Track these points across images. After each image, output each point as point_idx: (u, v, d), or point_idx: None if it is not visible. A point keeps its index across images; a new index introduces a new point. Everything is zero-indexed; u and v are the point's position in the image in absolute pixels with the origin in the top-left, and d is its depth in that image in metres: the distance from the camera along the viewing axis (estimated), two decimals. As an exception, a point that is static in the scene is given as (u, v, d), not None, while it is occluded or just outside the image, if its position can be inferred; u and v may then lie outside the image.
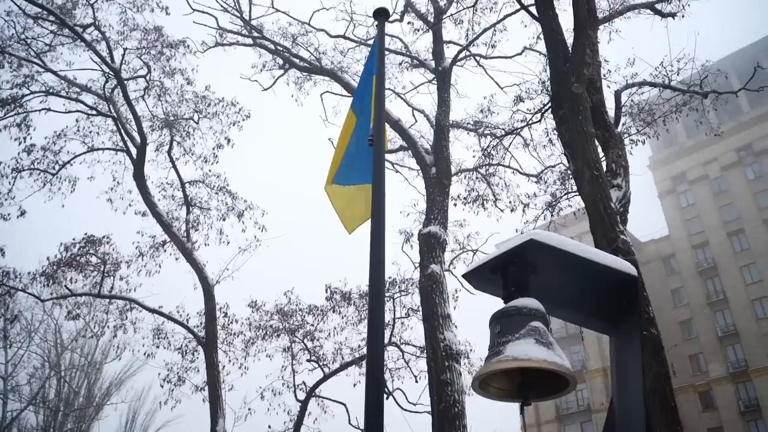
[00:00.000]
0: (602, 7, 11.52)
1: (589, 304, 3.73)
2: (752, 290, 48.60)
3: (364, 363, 15.27)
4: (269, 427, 14.69)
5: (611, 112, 10.23)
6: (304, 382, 15.04)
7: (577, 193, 10.37)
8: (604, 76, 11.30)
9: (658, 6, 11.57)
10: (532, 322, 3.08)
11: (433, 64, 15.28)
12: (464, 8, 14.53)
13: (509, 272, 3.30)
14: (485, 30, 14.73)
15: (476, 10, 14.24)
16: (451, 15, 14.73)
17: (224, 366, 14.66)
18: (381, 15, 5.82)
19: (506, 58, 15.76)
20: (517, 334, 3.03)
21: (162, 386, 14.78)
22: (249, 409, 14.48)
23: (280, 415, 14.65)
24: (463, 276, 3.55)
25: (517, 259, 3.28)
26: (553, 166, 13.56)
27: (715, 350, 48.81)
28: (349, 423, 15.01)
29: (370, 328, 4.04)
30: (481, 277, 3.54)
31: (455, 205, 13.82)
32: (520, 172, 14.34)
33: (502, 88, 16.09)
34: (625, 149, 9.73)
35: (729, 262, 50.73)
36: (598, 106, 9.75)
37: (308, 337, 15.66)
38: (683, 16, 11.39)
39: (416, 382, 15.37)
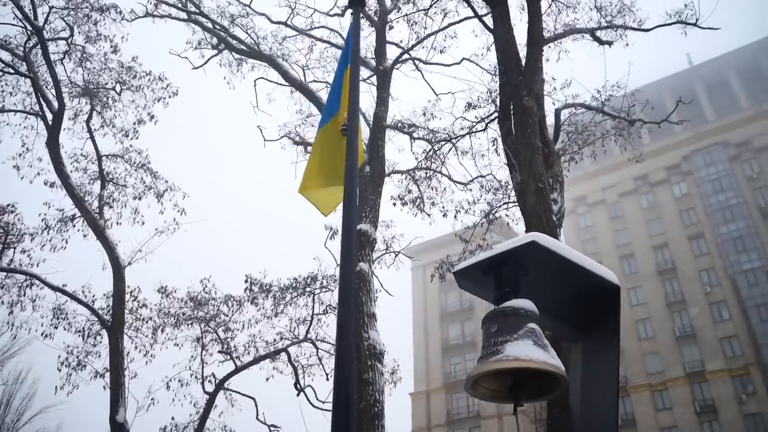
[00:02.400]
0: (548, 27, 11.92)
1: (566, 309, 3.77)
2: (636, 312, 52.06)
3: (278, 357, 15.00)
4: (172, 418, 14.08)
5: (550, 129, 10.58)
6: (213, 374, 14.56)
7: (514, 204, 10.63)
8: (548, 93, 11.70)
9: (598, 33, 12.12)
10: (529, 323, 3.07)
11: (374, 62, 15.25)
12: (412, 12, 14.57)
13: (503, 273, 3.28)
14: (427, 36, 14.87)
15: (427, 14, 14.33)
16: (405, 16, 14.73)
17: (129, 352, 13.90)
18: (356, 4, 5.77)
19: (445, 65, 15.99)
20: (515, 335, 3.01)
21: (59, 370, 13.82)
22: (153, 399, 13.80)
23: (185, 407, 14.08)
24: (454, 273, 3.50)
25: (513, 260, 3.27)
26: (484, 176, 13.85)
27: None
28: (257, 418, 14.66)
29: (339, 326, 3.91)
30: (471, 276, 3.51)
31: (394, 204, 13.84)
32: (450, 179, 14.56)
33: (437, 95, 16.32)
34: (562, 165, 10.09)
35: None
36: (539, 122, 10.06)
37: (222, 327, 15.15)
38: (627, 44, 12.01)
39: (327, 379, 15.24)
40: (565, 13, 12.29)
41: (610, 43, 12.29)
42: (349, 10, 5.84)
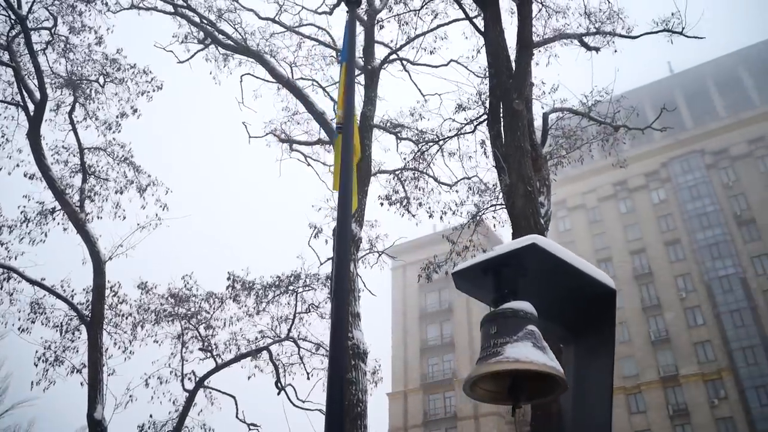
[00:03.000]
0: (538, 31, 12.02)
1: (561, 311, 3.79)
2: (614, 315, 52.60)
3: (260, 355, 14.90)
4: (150, 416, 13.92)
5: (538, 132, 10.65)
6: (193, 372, 14.41)
7: (501, 206, 10.68)
8: (537, 97, 11.78)
9: (586, 39, 12.23)
10: (529, 325, 3.09)
11: (362, 61, 15.23)
12: (403, 12, 14.57)
13: (503, 274, 3.29)
14: (417, 36, 14.87)
15: (417, 15, 14.33)
16: (396, 16, 14.73)
17: (108, 348, 13.71)
18: (352, 3, 5.81)
19: (432, 66, 16.01)
20: (515, 336, 3.02)
21: (36, 365, 13.58)
22: (131, 396, 13.63)
23: (164, 405, 13.92)
24: (453, 274, 3.50)
25: (513, 262, 3.28)
26: (470, 178, 13.90)
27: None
28: (236, 417, 14.55)
29: (333, 327, 3.90)
30: (470, 277, 3.51)
31: (381, 204, 13.82)
32: (436, 180, 14.58)
33: (423, 95, 16.34)
34: (549, 169, 10.16)
35: (595, 287, 54.66)
36: (528, 125, 10.12)
37: (203, 324, 15.02)
38: (616, 51, 12.15)
39: (308, 378, 15.17)
40: (555, 18, 12.42)
41: (597, 49, 12.42)
42: (345, 9, 5.85)
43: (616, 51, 12.24)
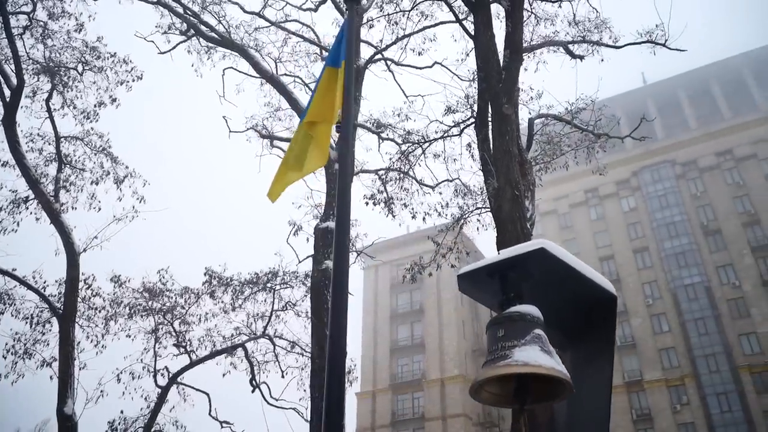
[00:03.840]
0: (525, 37, 12.08)
1: (561, 316, 3.81)
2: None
3: (236, 352, 14.75)
4: (122, 412, 13.66)
5: (523, 138, 10.72)
6: (166, 368, 14.18)
7: (486, 210, 10.74)
8: (524, 103, 11.88)
9: (571, 47, 12.37)
10: (536, 329, 3.11)
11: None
12: (392, 12, 14.54)
13: (509, 278, 3.30)
14: (403, 37, 14.88)
15: (405, 15, 14.32)
16: (386, 15, 14.69)
17: (79, 342, 13.42)
18: (351, 0, 5.79)
19: (417, 68, 16.04)
20: (522, 340, 3.04)
21: (5, 357, 13.22)
22: (102, 391, 13.36)
23: (136, 401, 13.67)
24: (459, 276, 3.51)
25: (520, 266, 3.30)
26: (451, 180, 13.95)
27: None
28: (209, 414, 14.38)
29: (332, 321, 3.88)
30: (476, 280, 3.52)
31: (366, 204, 13.77)
32: (417, 181, 14.60)
33: (407, 96, 16.36)
34: (534, 174, 10.25)
35: (562, 293, 55.49)
36: (515, 130, 10.19)
37: (178, 320, 14.80)
38: (602, 60, 12.31)
39: (282, 377, 15.06)
40: (543, 24, 12.54)
41: (581, 57, 12.57)
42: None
43: (603, 60, 12.44)
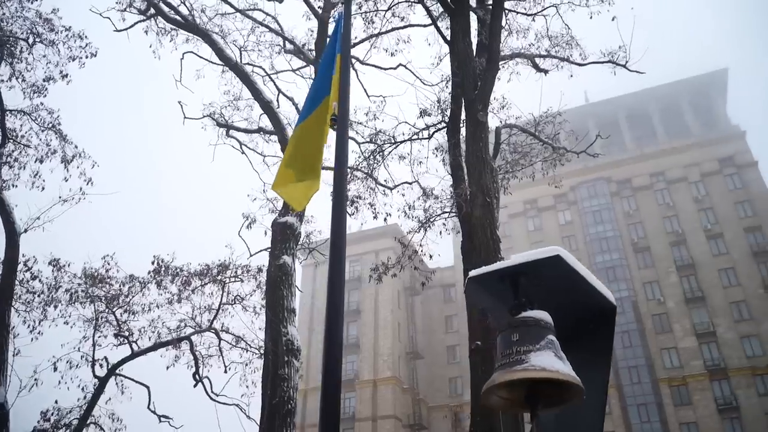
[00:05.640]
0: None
1: (561, 324, 3.86)
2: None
3: (181, 345, 14.33)
4: (56, 402, 13.04)
5: (490, 146, 10.87)
6: (105, 358, 13.61)
7: (452, 214, 10.81)
8: (494, 111, 12.04)
9: (538, 61, 12.65)
10: (549, 335, 3.15)
11: (312, 54, 15.02)
12: (368, 11, 14.44)
13: (521, 283, 3.32)
14: (376, 35, 14.83)
15: (379, 14, 14.27)
16: (363, 13, 14.57)
17: (15, 327, 12.73)
18: (346, -7, 5.75)
19: (381, 68, 16.02)
20: (537, 345, 3.07)
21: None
22: (36, 380, 12.70)
23: (72, 391, 13.06)
24: (469, 279, 3.51)
25: (533, 271, 3.33)
26: (410, 183, 14.00)
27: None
28: (148, 407, 13.90)
29: (327, 329, 3.83)
30: (486, 284, 3.53)
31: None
32: (376, 182, 14.57)
33: (368, 96, 16.32)
34: (500, 182, 10.40)
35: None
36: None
37: (120, 309, 14.23)
38: (572, 76, 12.64)
39: (225, 372, 14.72)
40: (516, 36, 12.76)
41: (546, 72, 12.87)
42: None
43: (572, 76, 12.80)
